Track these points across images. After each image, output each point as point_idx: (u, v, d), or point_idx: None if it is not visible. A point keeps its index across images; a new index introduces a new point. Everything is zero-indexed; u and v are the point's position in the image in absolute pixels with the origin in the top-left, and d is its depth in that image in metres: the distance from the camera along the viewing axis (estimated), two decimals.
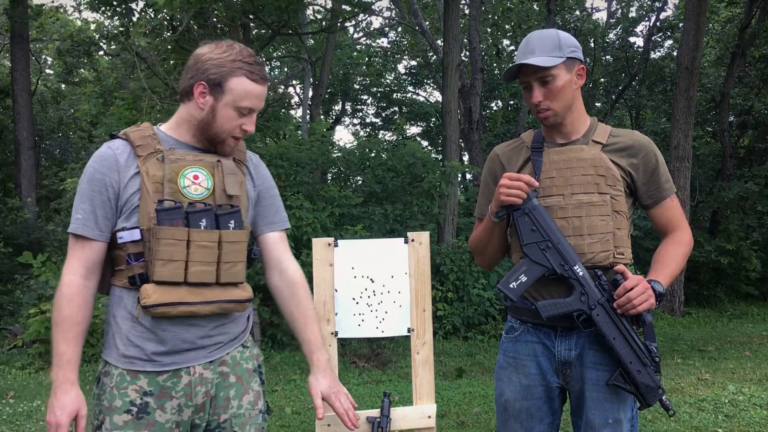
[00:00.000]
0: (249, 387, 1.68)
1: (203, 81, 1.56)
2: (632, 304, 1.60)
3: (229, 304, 1.58)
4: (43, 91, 15.72)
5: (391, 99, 18.92)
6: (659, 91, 13.82)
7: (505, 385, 1.83)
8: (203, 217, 1.54)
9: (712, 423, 4.01)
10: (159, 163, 1.54)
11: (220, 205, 1.58)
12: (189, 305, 1.51)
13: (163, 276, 1.49)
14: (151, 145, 1.57)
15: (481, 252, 1.91)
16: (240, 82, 1.55)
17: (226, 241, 1.56)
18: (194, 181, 1.56)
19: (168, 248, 1.49)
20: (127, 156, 1.55)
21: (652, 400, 1.65)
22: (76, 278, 1.53)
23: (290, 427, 4.12)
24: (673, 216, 1.81)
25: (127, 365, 1.54)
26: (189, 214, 1.52)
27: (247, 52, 1.59)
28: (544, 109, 1.73)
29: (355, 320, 1.95)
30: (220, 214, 1.56)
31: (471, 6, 11.83)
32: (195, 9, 5.85)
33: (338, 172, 9.11)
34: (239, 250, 1.60)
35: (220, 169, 1.60)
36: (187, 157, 1.57)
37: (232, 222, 1.58)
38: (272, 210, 1.76)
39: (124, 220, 1.53)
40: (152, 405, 1.53)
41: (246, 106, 1.57)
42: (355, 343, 6.50)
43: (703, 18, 8.88)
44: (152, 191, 1.52)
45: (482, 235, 1.86)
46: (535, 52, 1.69)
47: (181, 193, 1.54)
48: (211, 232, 1.54)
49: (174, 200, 1.52)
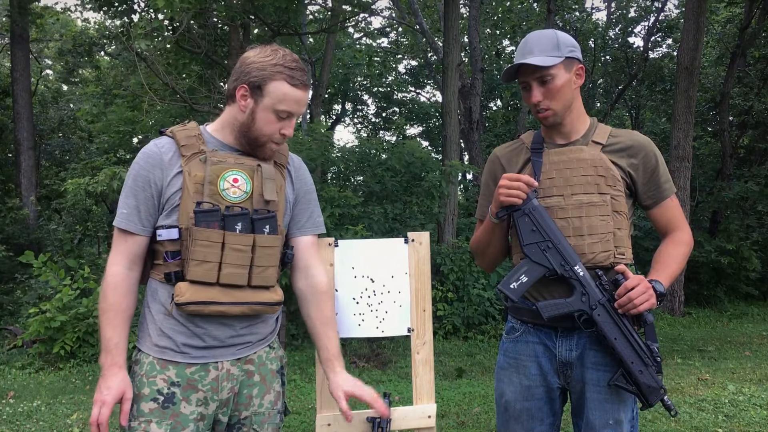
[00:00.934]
0: (271, 387, 1.71)
1: (245, 84, 1.58)
2: (633, 304, 1.60)
3: (259, 306, 1.61)
4: (43, 91, 15.72)
5: (391, 99, 18.92)
6: (659, 91, 13.83)
7: (505, 385, 1.83)
8: (239, 221, 1.57)
9: (712, 423, 4.01)
10: (201, 164, 1.58)
11: (257, 209, 1.60)
12: (220, 305, 1.55)
13: (196, 275, 1.52)
14: (195, 146, 1.60)
15: (482, 253, 1.91)
16: (279, 85, 1.56)
17: (259, 246, 1.58)
18: (233, 184, 1.58)
19: (203, 249, 1.52)
20: (172, 155, 1.59)
21: (654, 400, 1.65)
22: (120, 269, 1.59)
23: (290, 427, 4.12)
24: (673, 216, 1.81)
25: (158, 354, 1.58)
26: (226, 218, 1.55)
27: (291, 57, 1.60)
28: (544, 109, 1.73)
29: (355, 320, 1.96)
30: (256, 219, 1.59)
31: (471, 6, 11.83)
32: (195, 10, 5.85)
33: (338, 172, 9.10)
34: (272, 255, 1.62)
35: (259, 173, 1.62)
36: (228, 160, 1.60)
37: (267, 227, 1.60)
38: (306, 214, 1.77)
39: (165, 217, 1.58)
40: (178, 396, 1.57)
41: (284, 109, 1.58)
42: (355, 343, 6.50)
43: (703, 18, 8.88)
44: (192, 191, 1.55)
45: (483, 236, 1.87)
46: (533, 51, 1.69)
47: (220, 195, 1.57)
48: (245, 236, 1.57)
49: (212, 202, 1.55)
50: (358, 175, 9.01)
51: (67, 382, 5.46)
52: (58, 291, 6.22)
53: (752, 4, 10.80)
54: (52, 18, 13.41)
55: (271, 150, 1.63)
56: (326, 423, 1.88)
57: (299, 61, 1.62)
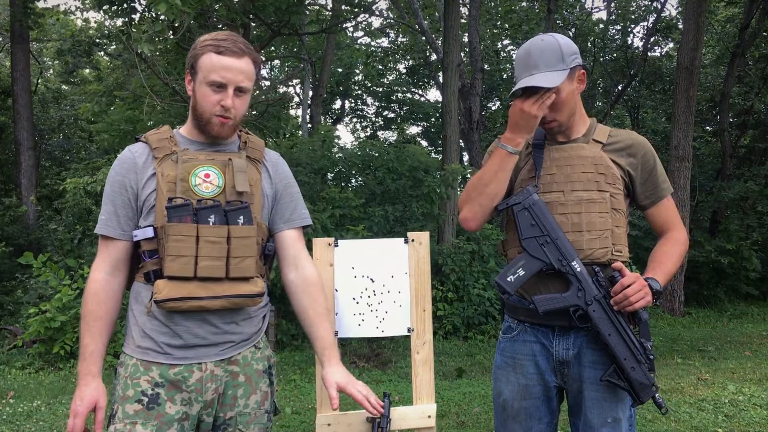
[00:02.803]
0: (257, 387, 1.69)
1: (187, 69, 1.64)
2: (629, 301, 1.61)
3: (239, 299, 1.60)
4: (43, 91, 15.72)
5: (391, 99, 18.92)
6: (658, 91, 13.83)
7: (503, 385, 1.83)
8: (212, 213, 1.57)
9: (712, 423, 4.02)
10: (173, 164, 1.60)
11: (230, 201, 1.61)
12: (199, 300, 1.55)
13: (173, 271, 1.53)
14: (167, 147, 1.63)
15: (480, 192, 1.76)
16: (207, 57, 1.58)
17: (234, 237, 1.58)
18: (205, 180, 1.61)
19: (177, 244, 1.53)
20: (146, 158, 1.62)
21: (645, 397, 1.66)
22: (101, 275, 1.61)
23: (290, 427, 4.12)
24: (669, 216, 1.82)
25: (141, 355, 1.59)
26: (198, 211, 1.56)
27: (224, 34, 1.62)
28: (550, 121, 1.74)
29: (355, 320, 1.96)
30: (228, 210, 1.59)
31: (471, 6, 11.83)
32: (196, 11, 5.86)
33: (339, 172, 9.11)
34: (248, 245, 1.61)
35: (230, 167, 1.63)
36: (199, 157, 1.63)
37: (241, 217, 1.60)
38: (290, 207, 1.77)
39: (143, 219, 1.60)
40: (163, 396, 1.57)
41: (214, 79, 1.57)
42: (355, 343, 6.50)
43: (703, 18, 8.88)
44: (166, 190, 1.57)
45: (489, 168, 1.76)
46: (538, 66, 1.67)
47: (193, 191, 1.58)
48: (219, 227, 1.57)
49: (184, 198, 1.57)
50: (359, 176, 9.02)
51: (67, 382, 5.46)
52: (57, 291, 6.22)
53: (752, 4, 10.80)
54: (53, 18, 13.40)
55: (219, 125, 1.61)
56: (326, 423, 1.88)
57: (234, 36, 1.62)
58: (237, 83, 1.60)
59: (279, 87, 13.54)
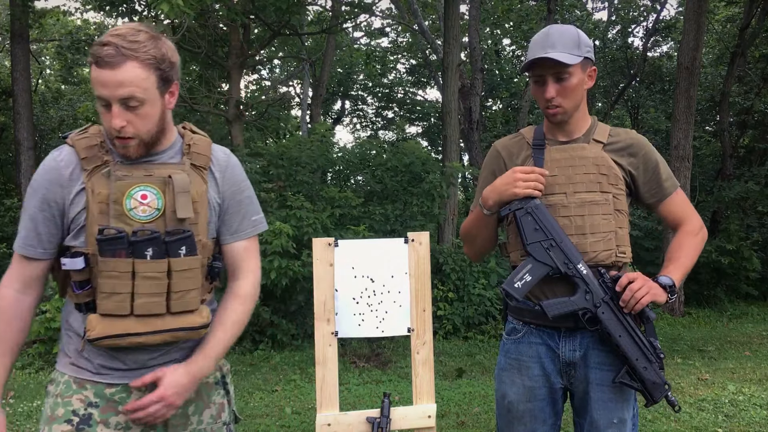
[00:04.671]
0: (210, 401, 1.58)
1: None
2: (635, 298, 1.60)
3: (182, 332, 1.46)
4: (43, 91, 15.71)
5: (390, 99, 18.92)
6: (658, 91, 13.83)
7: (507, 386, 1.82)
8: (149, 246, 1.39)
9: (712, 423, 4.01)
10: (105, 180, 1.40)
11: (169, 231, 1.42)
12: (137, 336, 1.41)
13: (107, 309, 1.39)
14: (98, 156, 1.42)
15: (471, 242, 1.91)
16: (91, 71, 1.37)
17: (176, 270, 1.42)
18: (142, 202, 1.41)
19: (110, 281, 1.38)
20: (73, 169, 1.42)
21: (659, 396, 1.65)
22: (10, 291, 1.46)
23: (290, 427, 4.12)
24: (680, 210, 1.81)
25: (75, 373, 1.46)
26: (133, 243, 1.38)
27: (110, 36, 1.36)
28: (555, 106, 1.72)
29: (355, 320, 1.95)
30: (169, 241, 1.41)
31: (471, 6, 11.83)
32: (197, 11, 5.86)
33: (338, 171, 9.11)
34: (192, 278, 1.46)
35: (171, 187, 1.42)
36: (135, 173, 1.41)
37: (183, 248, 1.43)
38: (238, 218, 1.58)
39: (72, 239, 1.43)
40: (95, 418, 1.43)
41: (98, 96, 1.37)
42: (355, 343, 6.50)
43: (703, 18, 8.87)
44: (97, 212, 1.38)
45: (472, 225, 1.86)
46: (555, 46, 1.67)
47: (128, 216, 1.39)
48: (158, 262, 1.40)
49: (118, 227, 1.39)
50: (359, 175, 9.02)
51: None
52: (57, 291, 6.22)
53: (752, 4, 10.80)
54: (53, 18, 13.41)
55: (122, 148, 1.40)
56: (326, 423, 1.88)
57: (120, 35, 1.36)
58: (119, 97, 1.35)
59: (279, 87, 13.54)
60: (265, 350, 6.69)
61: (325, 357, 1.91)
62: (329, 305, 1.94)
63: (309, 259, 6.47)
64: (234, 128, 7.71)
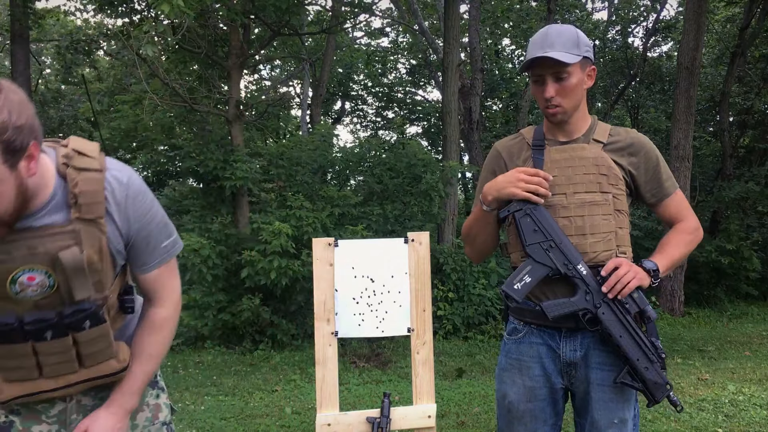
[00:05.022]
0: (142, 404, 1.52)
1: None
2: (621, 283, 1.61)
3: (101, 380, 1.39)
4: (43, 91, 15.71)
5: (391, 99, 18.92)
6: (658, 91, 13.83)
7: (508, 387, 1.82)
8: (47, 330, 1.27)
9: (712, 423, 4.01)
10: None
11: (65, 314, 1.28)
12: (51, 392, 1.33)
13: (14, 378, 1.30)
14: None
15: (472, 242, 1.90)
16: None
17: (83, 341, 1.32)
18: (30, 283, 1.24)
19: (12, 361, 1.28)
20: None
21: (660, 396, 1.65)
22: None
23: (290, 428, 4.12)
24: (678, 210, 1.82)
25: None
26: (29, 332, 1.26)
27: None
28: (555, 105, 1.71)
29: (355, 320, 1.96)
30: (69, 322, 1.29)
31: (471, 6, 11.83)
32: (196, 11, 5.86)
33: (338, 171, 9.11)
34: (102, 338, 1.35)
35: (61, 267, 1.23)
36: (15, 253, 1.21)
37: (87, 322, 1.31)
38: (148, 250, 1.42)
39: None
40: (17, 426, 1.37)
41: None
42: (355, 343, 6.50)
43: (703, 18, 8.88)
44: None
45: (473, 224, 1.85)
46: (554, 46, 1.67)
47: (15, 300, 1.24)
48: (60, 340, 1.29)
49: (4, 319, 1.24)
50: (359, 175, 9.02)
51: None
52: None
53: (752, 4, 10.79)
54: (53, 18, 13.41)
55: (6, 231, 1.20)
56: (326, 423, 1.88)
57: None
58: None
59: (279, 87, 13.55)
60: (265, 350, 6.70)
61: (325, 357, 1.91)
62: (329, 305, 1.94)
63: (309, 259, 6.47)
64: (234, 128, 7.71)
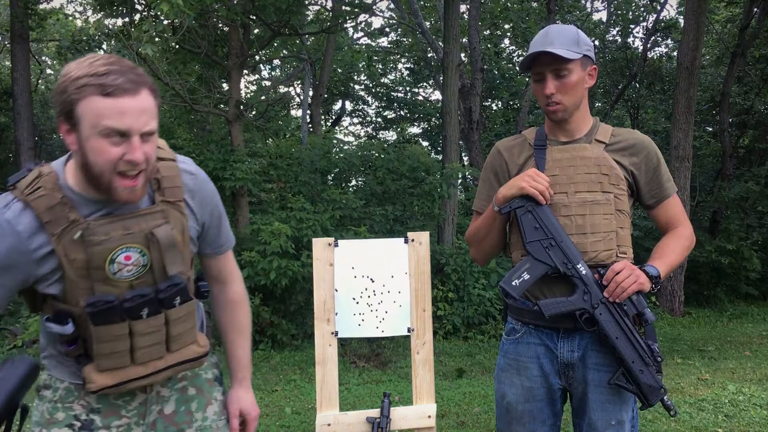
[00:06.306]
0: (212, 397, 1.57)
1: (59, 117, 1.23)
2: (621, 287, 1.61)
3: (185, 365, 1.45)
4: (43, 91, 15.72)
5: (391, 99, 18.92)
6: (658, 91, 13.83)
7: (506, 387, 1.82)
8: (143, 308, 1.33)
9: (712, 423, 4.01)
10: (79, 244, 1.25)
11: (161, 288, 1.35)
12: (140, 380, 1.37)
13: (107, 366, 1.33)
14: (63, 217, 1.25)
15: (479, 243, 1.88)
16: (89, 103, 1.18)
17: (174, 319, 1.39)
18: (126, 264, 1.30)
19: (109, 344, 1.31)
20: (33, 231, 1.24)
21: (654, 400, 1.65)
22: None
23: (290, 428, 4.12)
24: (675, 214, 1.82)
25: (75, 380, 1.40)
26: (127, 309, 1.31)
27: (102, 61, 1.21)
28: (555, 103, 1.72)
29: (355, 320, 1.96)
30: (163, 297, 1.35)
31: (471, 6, 11.83)
32: (196, 11, 5.87)
33: (339, 173, 9.11)
34: (189, 318, 1.43)
35: (156, 244, 1.31)
36: (112, 234, 1.27)
37: (177, 299, 1.37)
38: (215, 233, 1.53)
39: (50, 287, 1.30)
40: (98, 423, 1.40)
41: (109, 127, 1.18)
42: (355, 343, 6.50)
43: (703, 18, 8.88)
44: (77, 277, 1.27)
45: (482, 224, 1.84)
46: (554, 43, 1.68)
47: (113, 280, 1.30)
48: (155, 317, 1.35)
49: (104, 297, 1.29)
50: (360, 176, 9.02)
51: None
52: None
53: (752, 4, 10.80)
54: (53, 18, 13.42)
55: (128, 192, 1.25)
56: (326, 423, 1.88)
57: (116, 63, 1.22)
58: (141, 128, 1.22)
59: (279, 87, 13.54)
60: (265, 350, 6.70)
61: (325, 357, 1.91)
62: (329, 305, 1.94)
63: (309, 260, 6.47)
64: (234, 128, 7.71)
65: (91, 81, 1.18)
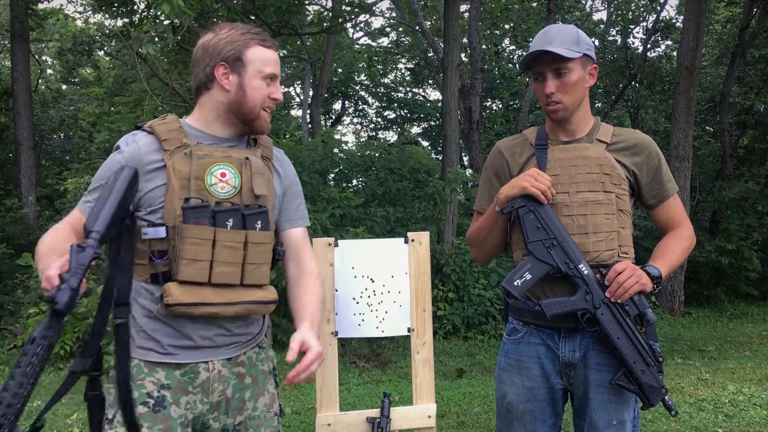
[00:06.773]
0: (264, 389, 1.64)
1: (222, 62, 1.54)
2: (623, 288, 1.61)
3: (254, 306, 1.55)
4: (43, 91, 15.71)
5: (391, 99, 18.92)
6: (658, 91, 13.83)
7: (507, 387, 1.82)
8: (230, 217, 1.50)
9: (712, 423, 4.01)
10: (186, 159, 1.50)
11: (248, 204, 1.53)
12: (212, 306, 1.48)
13: (187, 275, 1.45)
14: (177, 139, 1.52)
15: (480, 243, 1.87)
16: (257, 51, 1.56)
17: (251, 242, 1.52)
18: (221, 179, 1.52)
19: (193, 247, 1.45)
20: (151, 149, 1.51)
21: (655, 400, 1.65)
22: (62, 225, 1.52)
23: (290, 427, 4.12)
24: (675, 214, 1.82)
25: (144, 356, 1.50)
26: (216, 213, 1.48)
27: (249, 26, 1.61)
28: (555, 102, 1.72)
29: (355, 320, 1.96)
30: (247, 214, 1.52)
31: (471, 6, 11.83)
32: (197, 11, 5.87)
33: (339, 173, 9.11)
34: (264, 252, 1.56)
35: (248, 167, 1.55)
36: (214, 153, 1.53)
37: (258, 222, 1.54)
38: (295, 206, 1.72)
39: (148, 214, 1.49)
40: (168, 399, 1.49)
41: (269, 72, 1.56)
42: (355, 343, 6.50)
43: (703, 18, 8.88)
44: (178, 187, 1.47)
45: (483, 225, 1.84)
46: (553, 42, 1.69)
47: (208, 191, 1.50)
48: (237, 232, 1.50)
49: (201, 198, 1.48)
50: (361, 176, 9.02)
51: None
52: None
53: (752, 4, 10.79)
54: (53, 18, 13.42)
55: (266, 120, 1.60)
56: (326, 423, 1.88)
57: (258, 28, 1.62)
58: (279, 75, 1.61)
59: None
60: None
61: (325, 357, 1.92)
62: (329, 305, 1.94)
63: None
64: None
65: (254, 36, 1.57)
